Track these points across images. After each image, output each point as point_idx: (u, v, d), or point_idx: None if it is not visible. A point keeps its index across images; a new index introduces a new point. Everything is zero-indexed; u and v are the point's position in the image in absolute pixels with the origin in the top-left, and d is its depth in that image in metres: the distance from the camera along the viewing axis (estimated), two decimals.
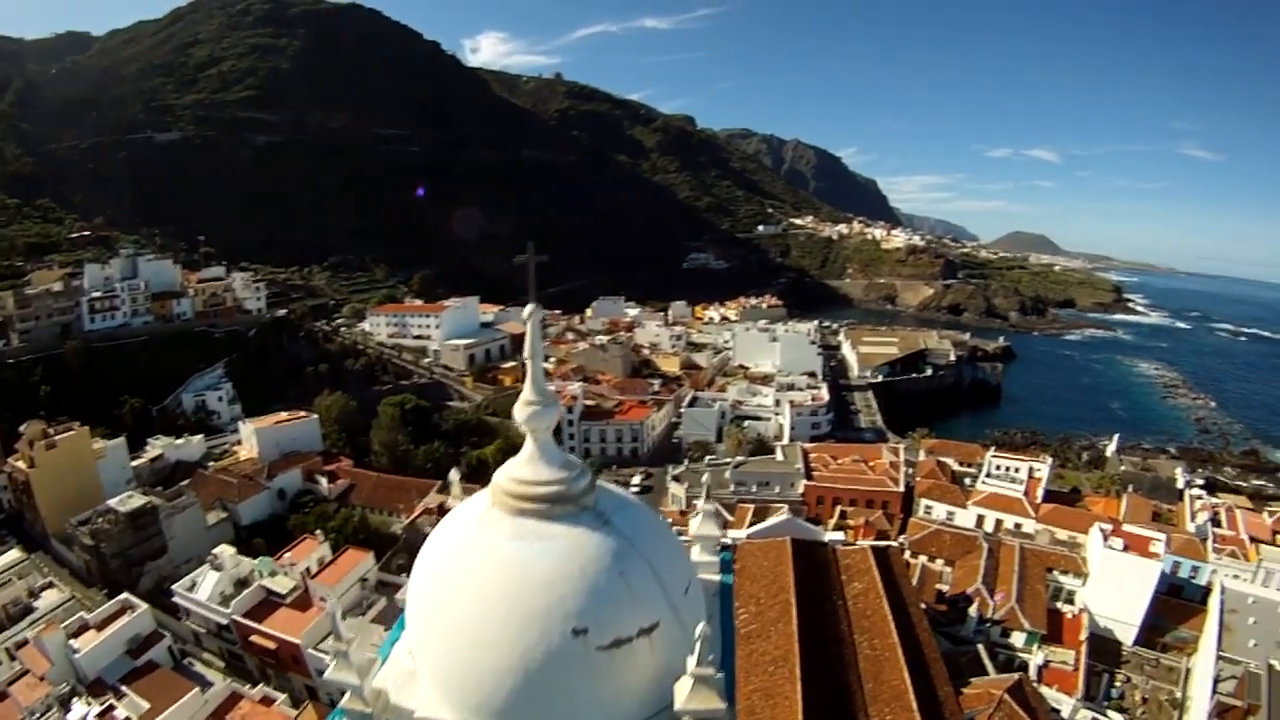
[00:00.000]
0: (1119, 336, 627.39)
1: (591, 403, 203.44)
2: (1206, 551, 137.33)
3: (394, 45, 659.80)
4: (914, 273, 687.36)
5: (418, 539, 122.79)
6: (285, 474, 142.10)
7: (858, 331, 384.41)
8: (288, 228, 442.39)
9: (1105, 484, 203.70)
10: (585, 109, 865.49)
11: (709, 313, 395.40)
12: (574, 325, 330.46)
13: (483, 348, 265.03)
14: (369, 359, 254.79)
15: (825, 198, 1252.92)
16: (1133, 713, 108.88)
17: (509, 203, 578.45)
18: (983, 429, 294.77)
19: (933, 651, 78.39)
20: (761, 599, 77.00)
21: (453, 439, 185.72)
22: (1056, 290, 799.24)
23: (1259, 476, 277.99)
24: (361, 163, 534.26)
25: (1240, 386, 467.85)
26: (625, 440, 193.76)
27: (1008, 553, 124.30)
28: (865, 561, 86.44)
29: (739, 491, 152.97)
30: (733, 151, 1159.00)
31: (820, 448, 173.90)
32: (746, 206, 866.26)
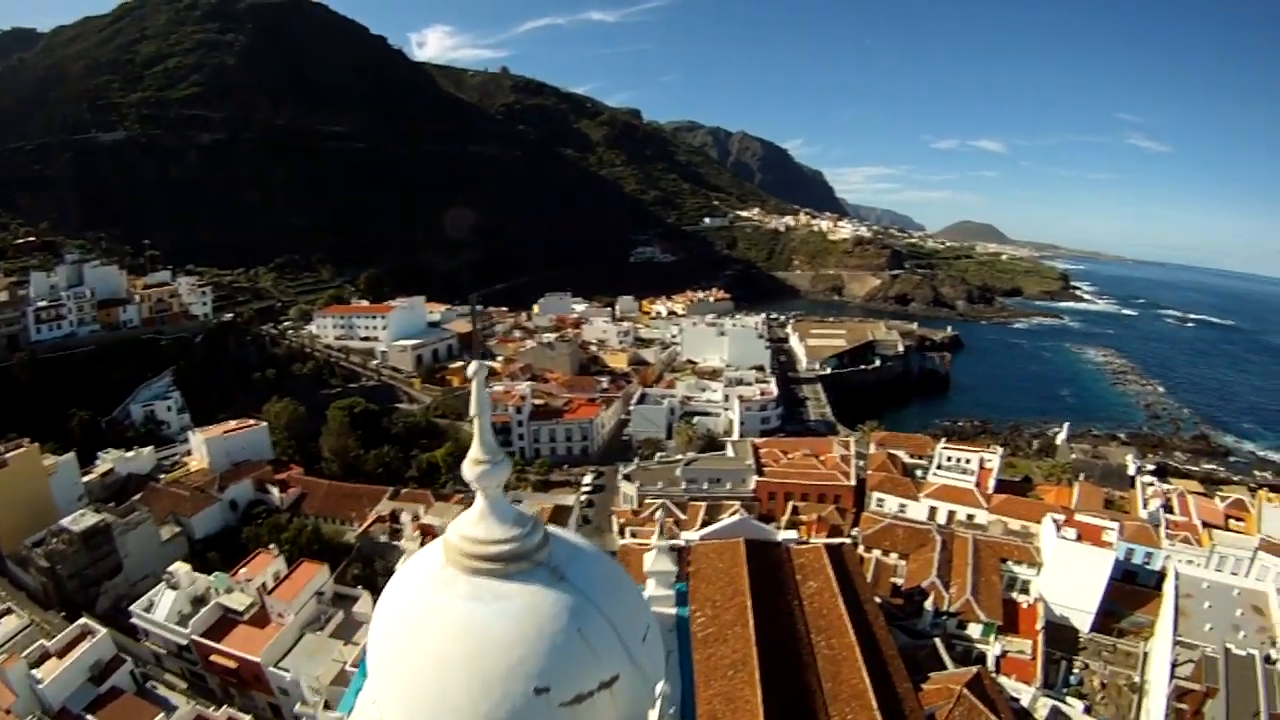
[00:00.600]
0: (1067, 324, 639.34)
1: (540, 402, 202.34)
2: (1160, 538, 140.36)
3: (341, 39, 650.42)
4: (861, 263, 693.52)
5: (371, 548, 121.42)
6: (237, 485, 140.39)
7: (805, 324, 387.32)
8: (234, 228, 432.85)
9: (1056, 472, 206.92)
10: (531, 103, 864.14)
11: (656, 307, 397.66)
12: (521, 322, 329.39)
13: (430, 348, 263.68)
14: (317, 362, 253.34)
15: (772, 189, 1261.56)
16: (1092, 698, 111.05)
17: (455, 199, 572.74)
18: (932, 419, 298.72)
19: (890, 649, 79.07)
20: (718, 601, 77.16)
21: (403, 442, 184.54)
22: (1004, 279, 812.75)
23: (1210, 460, 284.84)
24: (307, 160, 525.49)
25: (1189, 372, 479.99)
26: (575, 439, 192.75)
27: (961, 545, 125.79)
28: (819, 560, 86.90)
29: (690, 489, 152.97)
30: (679, 144, 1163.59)
31: (771, 443, 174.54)
32: (693, 199, 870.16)
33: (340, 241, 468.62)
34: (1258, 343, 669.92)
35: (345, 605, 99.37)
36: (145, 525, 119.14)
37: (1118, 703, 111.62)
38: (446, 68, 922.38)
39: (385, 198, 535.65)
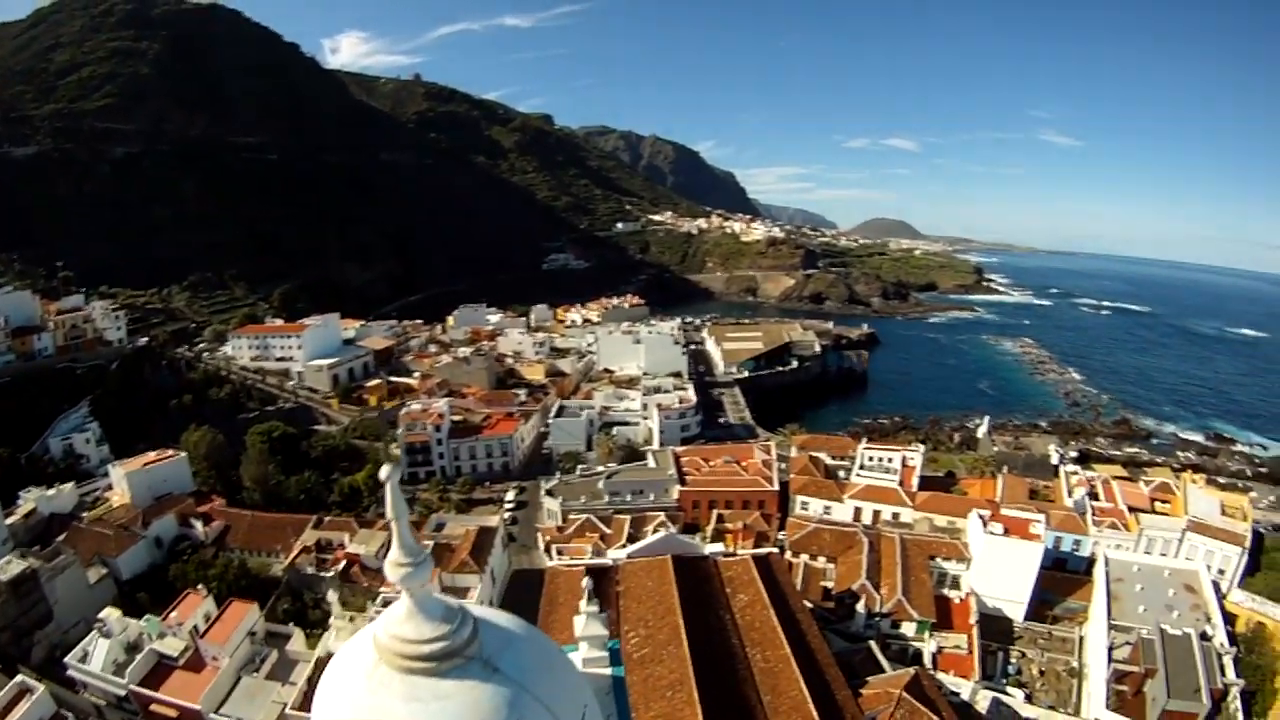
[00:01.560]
0: (983, 316, 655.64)
1: (459, 418, 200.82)
2: (1087, 525, 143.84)
3: (254, 47, 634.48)
4: (774, 264, 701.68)
5: (299, 580, 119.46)
6: (160, 520, 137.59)
7: (721, 327, 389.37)
8: (147, 245, 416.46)
9: (979, 465, 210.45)
10: (444, 110, 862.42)
11: (571, 315, 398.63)
12: (436, 336, 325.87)
13: (346, 366, 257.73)
14: (233, 386, 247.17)
15: (684, 192, 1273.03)
16: (1032, 686, 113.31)
17: (368, 209, 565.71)
18: (852, 417, 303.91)
19: (826, 657, 79.38)
20: (650, 621, 76.92)
21: (323, 466, 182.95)
22: (918, 274, 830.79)
23: (1132, 444, 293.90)
24: (220, 172, 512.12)
25: (1106, 358, 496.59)
26: (495, 456, 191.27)
27: (889, 545, 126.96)
28: (748, 572, 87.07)
29: (614, 502, 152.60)
30: (591, 149, 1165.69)
31: (692, 451, 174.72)
32: (605, 204, 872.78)
33: (253, 257, 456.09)
34: (1173, 327, 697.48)
35: (279, 643, 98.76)
36: (73, 569, 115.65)
37: (1058, 689, 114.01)
38: (359, 75, 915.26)
39: (297, 210, 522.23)
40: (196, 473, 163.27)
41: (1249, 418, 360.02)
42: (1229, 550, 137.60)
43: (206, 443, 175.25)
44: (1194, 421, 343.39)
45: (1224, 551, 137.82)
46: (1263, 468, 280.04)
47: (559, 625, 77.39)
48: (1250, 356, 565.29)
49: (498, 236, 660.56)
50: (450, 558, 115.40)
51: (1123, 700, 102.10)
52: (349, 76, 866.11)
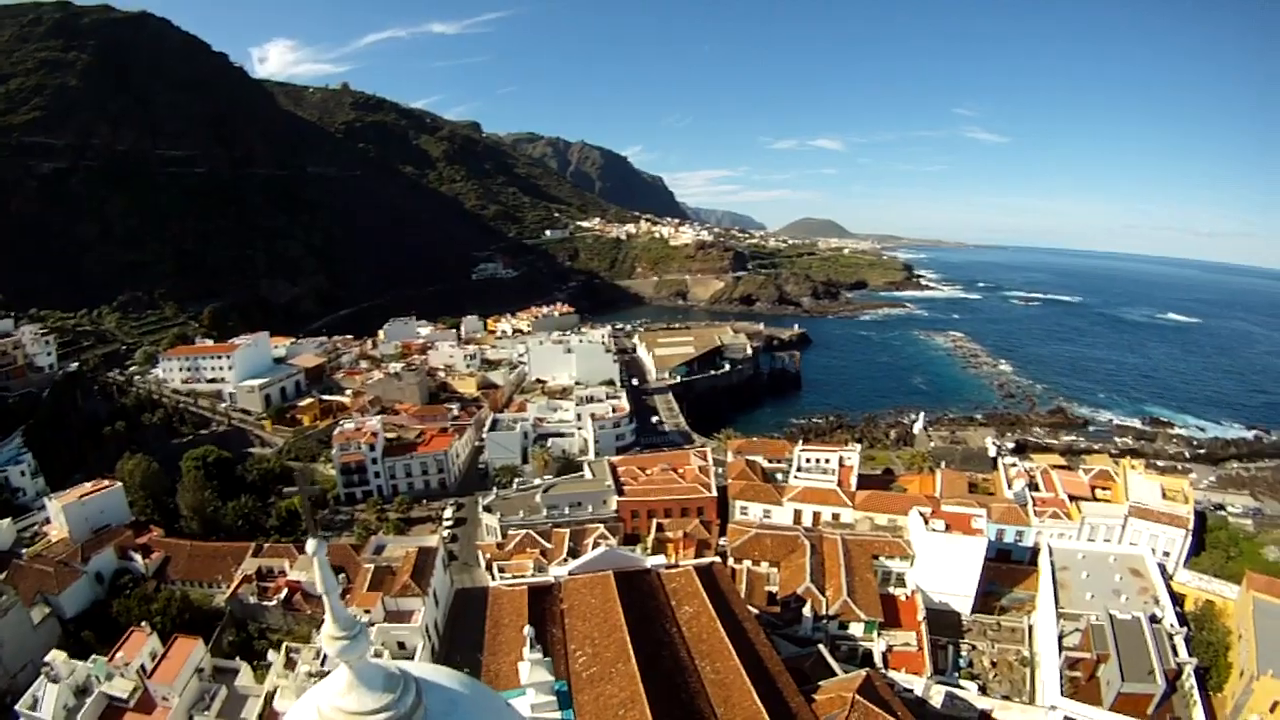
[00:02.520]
0: (914, 313, 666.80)
1: (392, 435, 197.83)
2: (1028, 516, 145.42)
3: (182, 57, 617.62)
4: (704, 267, 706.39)
5: (242, 611, 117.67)
6: (99, 555, 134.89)
7: (652, 333, 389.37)
8: (76, 264, 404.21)
9: (917, 461, 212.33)
10: (372, 119, 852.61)
11: (501, 325, 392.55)
12: (367, 351, 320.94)
13: (278, 386, 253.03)
14: (166, 410, 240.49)
15: (612, 198, 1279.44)
16: (985, 678, 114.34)
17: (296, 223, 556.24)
18: (787, 418, 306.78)
19: (776, 665, 78.80)
20: (596, 639, 76.05)
21: (259, 490, 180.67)
22: (847, 273, 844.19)
23: (1069, 432, 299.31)
24: (148, 187, 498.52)
25: (1038, 349, 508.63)
26: (431, 472, 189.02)
27: (831, 546, 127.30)
28: (691, 583, 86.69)
29: (553, 515, 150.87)
30: (519, 157, 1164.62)
31: (628, 460, 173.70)
32: (533, 212, 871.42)
33: (183, 275, 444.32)
34: (1104, 315, 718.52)
35: (227, 679, 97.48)
36: (15, 610, 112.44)
37: (1011, 678, 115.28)
38: (287, 85, 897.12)
39: (226, 225, 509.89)
40: (133, 502, 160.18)
41: (1184, 401, 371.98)
42: (1173, 533, 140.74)
43: (142, 471, 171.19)
44: (1129, 407, 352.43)
45: (1168, 534, 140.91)
46: (1201, 449, 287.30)
47: (505, 648, 76.36)
48: (1182, 342, 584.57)
49: (427, 247, 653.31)
50: (392, 581, 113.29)
51: (1077, 686, 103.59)
52: (277, 86, 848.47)
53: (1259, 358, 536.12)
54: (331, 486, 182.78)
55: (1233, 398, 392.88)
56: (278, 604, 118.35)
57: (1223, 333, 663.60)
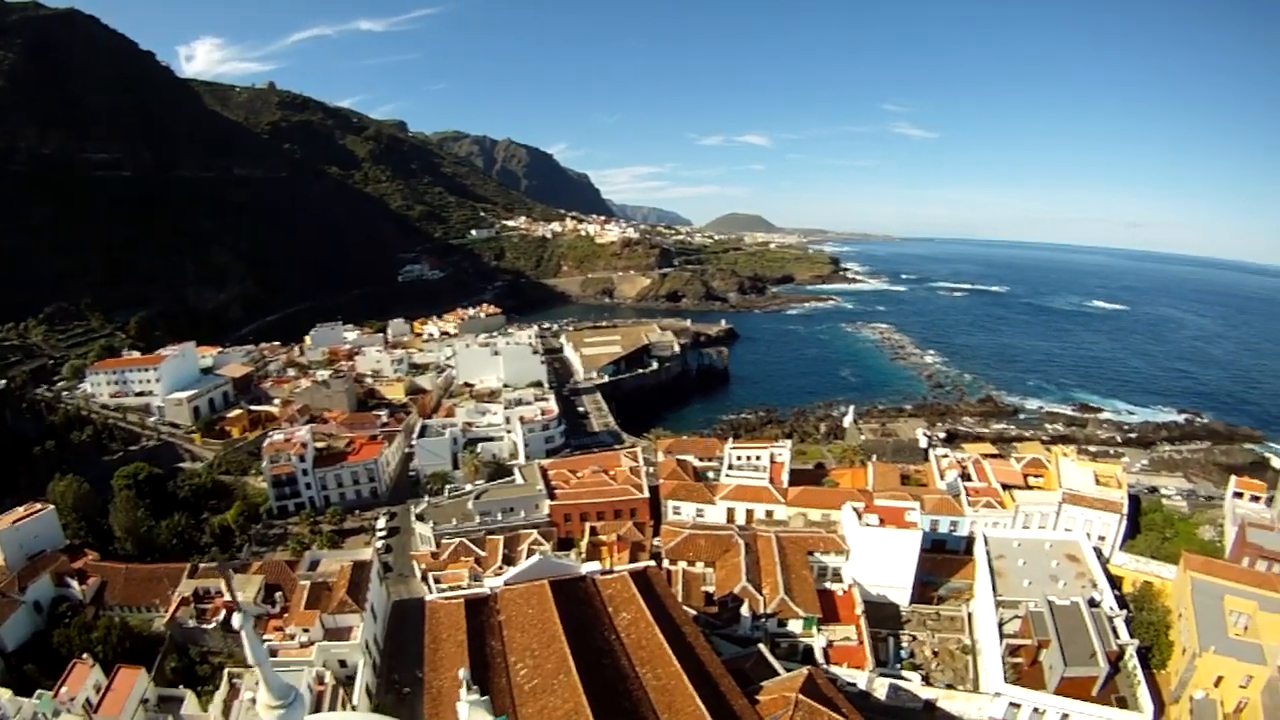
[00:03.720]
0: (841, 305, 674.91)
1: (322, 445, 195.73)
2: (962, 506, 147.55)
3: (109, 56, 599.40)
4: (630, 264, 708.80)
5: (182, 635, 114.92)
6: (36, 583, 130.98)
7: (579, 333, 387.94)
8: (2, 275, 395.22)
9: (849, 455, 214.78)
10: (298, 119, 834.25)
11: (428, 328, 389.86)
12: (294, 358, 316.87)
13: (206, 397, 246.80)
14: (95, 427, 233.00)
15: (538, 196, 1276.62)
16: (927, 667, 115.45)
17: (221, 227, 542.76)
18: (717, 415, 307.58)
19: (717, 668, 78.49)
20: (536, 651, 75.30)
21: (191, 506, 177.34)
22: (774, 267, 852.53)
23: (999, 421, 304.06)
24: (74, 193, 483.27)
25: (966, 339, 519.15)
26: (363, 482, 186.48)
27: (765, 544, 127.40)
28: (628, 589, 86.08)
29: (486, 522, 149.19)
30: (444, 156, 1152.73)
31: (559, 463, 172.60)
32: (459, 212, 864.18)
33: (109, 284, 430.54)
34: (1031, 305, 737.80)
35: (172, 708, 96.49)
36: None
37: (953, 667, 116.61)
38: (214, 84, 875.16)
39: (152, 230, 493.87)
40: (66, 525, 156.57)
41: (1113, 387, 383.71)
42: (1107, 518, 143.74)
43: (73, 492, 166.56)
44: (1059, 394, 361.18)
45: (1102, 519, 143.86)
46: (1132, 433, 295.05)
47: (446, 664, 75.07)
48: (1110, 329, 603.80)
49: (353, 250, 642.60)
50: (329, 598, 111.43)
51: (1020, 672, 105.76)
52: (203, 86, 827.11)
53: (1187, 343, 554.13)
54: (263, 500, 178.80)
55: (1162, 382, 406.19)
56: (217, 626, 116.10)
57: (1151, 319, 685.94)
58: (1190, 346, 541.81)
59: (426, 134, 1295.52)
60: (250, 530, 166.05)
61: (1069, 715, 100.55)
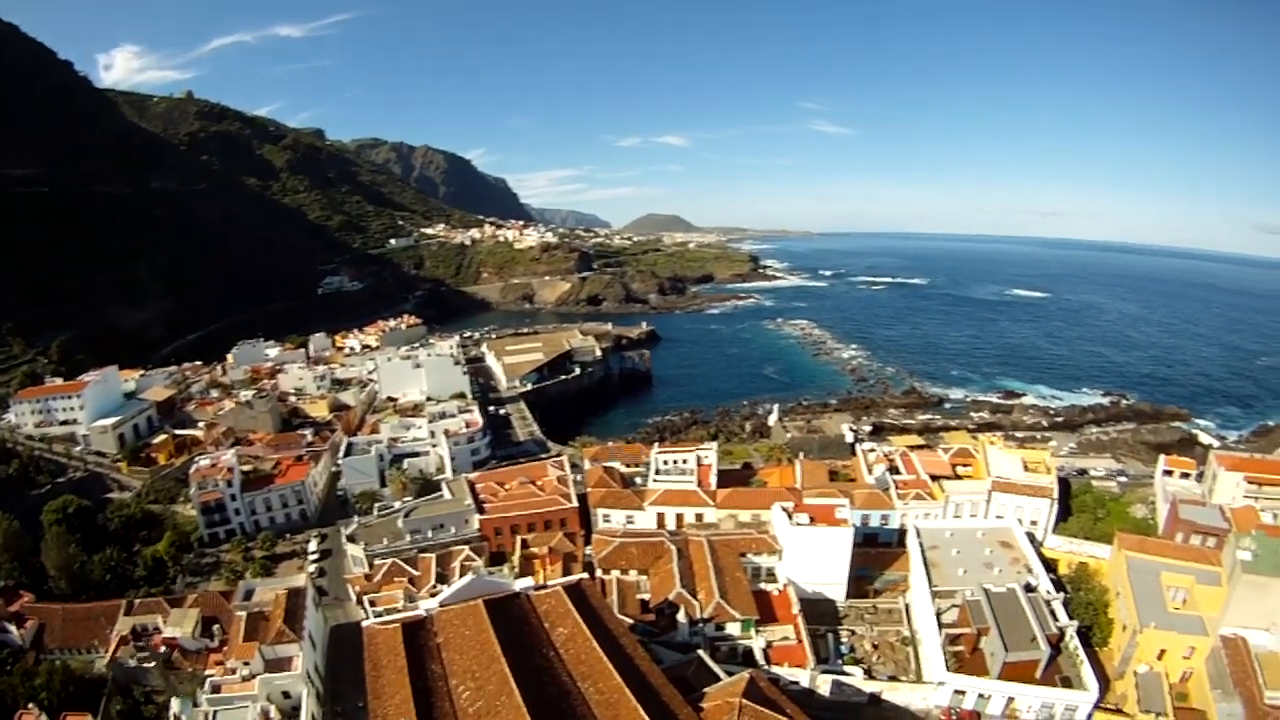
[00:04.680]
0: (761, 303, 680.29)
1: (248, 468, 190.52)
2: (892, 499, 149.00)
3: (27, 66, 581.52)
4: (550, 269, 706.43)
5: (125, 675, 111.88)
6: None
7: (501, 341, 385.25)
8: None
9: (775, 453, 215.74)
10: (216, 129, 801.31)
11: (350, 341, 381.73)
12: (217, 378, 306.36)
13: (131, 423, 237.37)
14: (21, 460, 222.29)
15: (456, 202, 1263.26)
16: (869, 661, 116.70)
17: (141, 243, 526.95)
18: (641, 418, 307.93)
19: (659, 678, 78.07)
20: (477, 672, 74.24)
21: (122, 539, 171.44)
22: (694, 267, 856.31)
23: (924, 412, 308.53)
24: None
25: (887, 332, 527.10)
26: (291, 505, 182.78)
27: (697, 549, 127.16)
28: (562, 604, 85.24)
29: (417, 540, 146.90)
30: (362, 164, 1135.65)
31: (486, 476, 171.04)
32: (378, 221, 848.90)
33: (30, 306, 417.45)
34: (952, 296, 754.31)
35: None
36: None
37: (895, 659, 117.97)
38: (131, 94, 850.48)
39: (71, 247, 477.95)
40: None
41: (1037, 373, 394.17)
42: (1038, 503, 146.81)
43: (3, 531, 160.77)
44: (983, 383, 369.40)
45: (1033, 505, 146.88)
46: (1058, 417, 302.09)
47: (388, 690, 73.64)
48: (1031, 317, 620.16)
49: (272, 263, 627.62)
50: (266, 628, 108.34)
51: (961, 660, 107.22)
52: (121, 96, 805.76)
53: (1108, 327, 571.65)
54: (194, 528, 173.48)
55: (1086, 366, 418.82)
56: (158, 664, 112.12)
57: (1072, 305, 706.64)
58: (1112, 330, 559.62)
59: (344, 141, 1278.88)
60: (183, 561, 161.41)
61: (1014, 699, 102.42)
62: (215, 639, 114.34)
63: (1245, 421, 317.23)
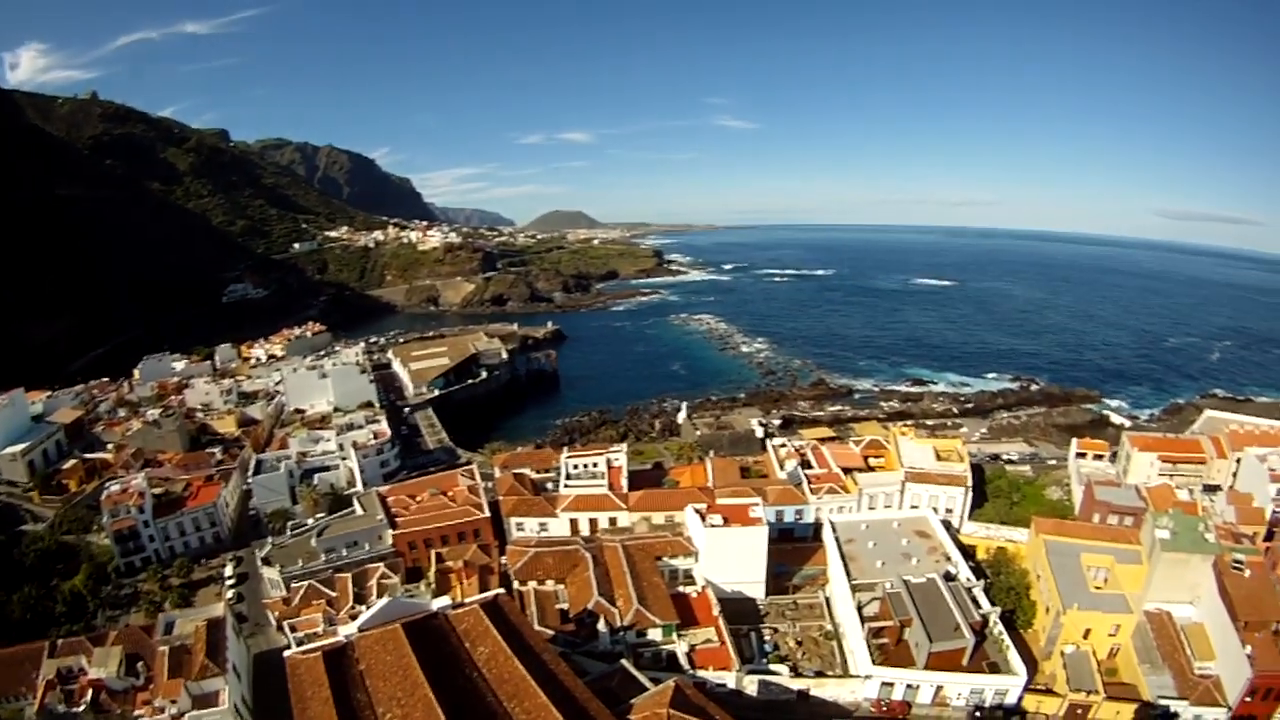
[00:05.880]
0: (667, 299, 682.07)
1: (159, 491, 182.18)
2: (805, 494, 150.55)
3: None
4: (454, 270, 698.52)
5: None
6: None
7: (407, 346, 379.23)
8: None
9: (686, 451, 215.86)
10: (120, 132, 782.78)
11: (255, 351, 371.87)
12: (124, 395, 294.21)
13: (40, 449, 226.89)
14: None
15: (360, 203, 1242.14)
16: (794, 657, 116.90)
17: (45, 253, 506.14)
18: (550, 420, 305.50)
19: (584, 693, 77.12)
20: (401, 699, 72.66)
21: (39, 573, 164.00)
22: (598, 264, 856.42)
23: (834, 403, 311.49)
24: None
25: (794, 324, 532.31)
26: (204, 527, 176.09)
27: (613, 555, 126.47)
28: (481, 623, 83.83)
29: (331, 559, 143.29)
30: (266, 166, 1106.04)
31: (396, 489, 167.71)
32: (281, 225, 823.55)
33: None
34: (858, 286, 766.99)
35: None
36: None
37: (819, 654, 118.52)
38: (36, 95, 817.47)
39: None
40: None
41: (946, 360, 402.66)
42: (952, 491, 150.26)
43: None
44: (892, 372, 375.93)
45: (948, 493, 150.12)
46: (968, 404, 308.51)
47: None
48: (938, 305, 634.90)
49: (177, 272, 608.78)
50: (190, 663, 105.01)
51: (886, 652, 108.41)
52: (25, 98, 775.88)
53: (1016, 313, 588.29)
54: (110, 558, 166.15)
55: (995, 352, 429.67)
56: (87, 709, 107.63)
57: (979, 293, 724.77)
58: (1019, 316, 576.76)
59: (249, 143, 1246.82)
60: (102, 594, 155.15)
61: (944, 688, 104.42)
62: (140, 677, 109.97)
63: (1156, 400, 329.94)
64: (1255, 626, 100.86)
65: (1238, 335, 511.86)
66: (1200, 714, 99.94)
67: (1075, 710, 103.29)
